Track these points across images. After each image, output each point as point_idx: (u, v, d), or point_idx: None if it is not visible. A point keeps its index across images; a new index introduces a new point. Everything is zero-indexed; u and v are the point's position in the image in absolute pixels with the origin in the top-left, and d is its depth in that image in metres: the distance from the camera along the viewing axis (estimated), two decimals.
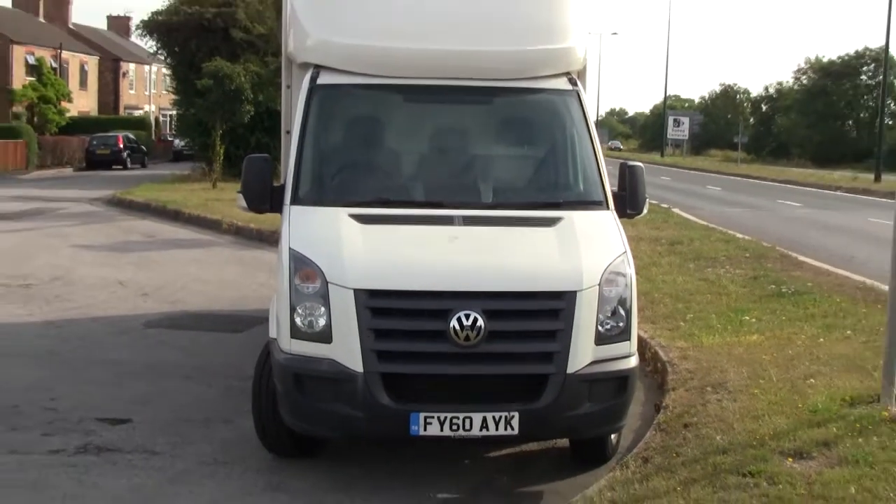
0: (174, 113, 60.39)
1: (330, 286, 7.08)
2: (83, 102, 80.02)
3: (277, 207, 8.20)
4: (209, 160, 39.40)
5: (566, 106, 8.75)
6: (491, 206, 8.24)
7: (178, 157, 66.49)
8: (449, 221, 7.77)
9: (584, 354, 7.15)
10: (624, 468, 7.42)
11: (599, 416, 7.38)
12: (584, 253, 7.48)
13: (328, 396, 7.08)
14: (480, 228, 7.79)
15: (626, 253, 7.63)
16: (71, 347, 11.95)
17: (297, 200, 8.03)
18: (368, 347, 6.96)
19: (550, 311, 7.18)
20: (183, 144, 61.36)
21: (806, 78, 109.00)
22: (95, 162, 61.20)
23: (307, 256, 7.29)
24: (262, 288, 15.02)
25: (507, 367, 7.16)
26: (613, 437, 8.11)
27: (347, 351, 6.99)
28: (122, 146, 62.60)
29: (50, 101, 70.98)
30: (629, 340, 7.48)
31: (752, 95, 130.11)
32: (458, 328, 6.93)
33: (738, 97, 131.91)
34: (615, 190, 8.40)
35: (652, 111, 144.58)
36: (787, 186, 52.47)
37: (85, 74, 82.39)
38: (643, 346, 10.42)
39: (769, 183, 56.48)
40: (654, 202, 14.82)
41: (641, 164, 8.83)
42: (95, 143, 62.71)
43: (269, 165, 8.46)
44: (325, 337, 7.08)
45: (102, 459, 8.00)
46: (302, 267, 7.26)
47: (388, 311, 7.08)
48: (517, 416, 7.02)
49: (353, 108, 8.88)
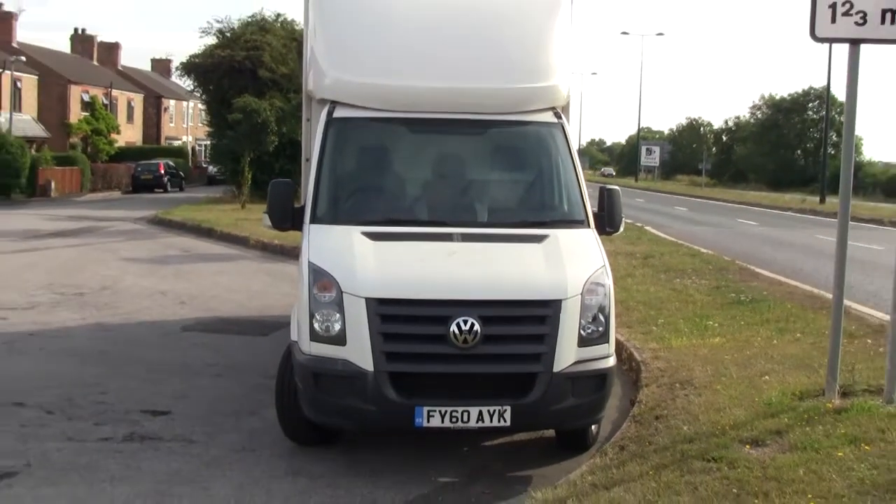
0: (208, 143, 60.46)
1: (344, 295, 7.07)
2: (130, 134, 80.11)
3: (298, 226, 8.19)
4: (239, 184, 39.49)
5: (552, 137, 8.75)
6: (486, 224, 8.22)
7: (211, 181, 66.51)
8: (449, 238, 7.75)
9: (568, 355, 7.14)
10: (603, 455, 7.40)
11: (582, 409, 7.37)
12: (568, 266, 7.46)
13: (343, 392, 7.06)
14: (477, 244, 7.77)
15: (605, 266, 7.62)
16: (118, 348, 11.93)
17: (315, 219, 8.02)
18: (378, 349, 6.95)
19: (539, 317, 7.16)
20: (216, 170, 61.37)
21: (760, 113, 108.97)
22: (140, 186, 61.35)
23: (324, 269, 7.28)
24: (285, 297, 14.97)
25: (500, 366, 7.13)
26: (594, 427, 8.08)
27: (359, 352, 6.97)
28: (163, 172, 62.73)
29: (101, 133, 71.22)
30: (608, 343, 7.47)
31: (714, 128, 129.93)
32: (457, 332, 6.92)
33: (702, 129, 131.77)
34: (595, 210, 8.39)
35: (627, 141, 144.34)
36: (744, 207, 52.46)
37: (131, 110, 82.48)
38: (620, 347, 10.38)
39: (729, 204, 56.46)
40: (629, 221, 14.68)
41: (618, 187, 8.83)
42: (140, 169, 62.88)
43: (291, 189, 8.47)
44: (339, 340, 7.06)
45: (146, 446, 7.98)
46: (320, 278, 7.24)
47: (395, 317, 7.06)
48: (509, 409, 7.01)
49: (364, 138, 8.86)
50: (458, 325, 6.92)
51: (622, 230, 8.64)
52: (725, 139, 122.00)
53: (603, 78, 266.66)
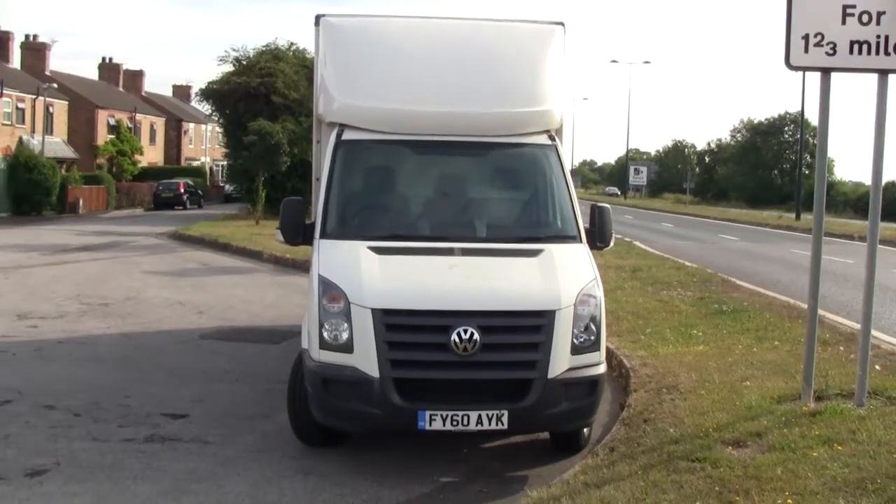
0: (225, 163, 60.45)
1: (352, 306, 7.06)
2: (152, 155, 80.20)
3: (309, 241, 8.19)
4: (253, 202, 39.53)
5: (546, 158, 8.75)
6: (485, 240, 8.23)
7: (227, 199, 66.61)
8: (450, 253, 7.75)
9: (561, 362, 7.12)
10: (594, 456, 7.37)
11: (574, 413, 7.35)
12: (561, 279, 7.45)
13: (350, 397, 7.05)
14: (476, 258, 7.77)
15: (596, 279, 7.61)
16: (141, 355, 11.90)
17: (325, 235, 8.02)
18: (383, 357, 6.93)
19: (534, 326, 7.15)
20: (232, 189, 61.55)
21: (740, 135, 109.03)
22: (161, 203, 61.36)
23: (333, 281, 7.27)
24: (296, 307, 14.94)
25: (498, 373, 7.12)
26: (586, 430, 8.05)
27: (366, 359, 6.96)
28: (182, 190, 62.80)
29: (126, 154, 71.39)
30: (599, 351, 7.45)
31: (697, 149, 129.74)
32: (457, 341, 6.91)
33: (686, 150, 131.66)
34: (587, 226, 8.39)
35: (616, 161, 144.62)
36: (726, 224, 52.43)
37: (154, 132, 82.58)
38: (610, 355, 10.35)
39: (712, 220, 56.42)
40: (618, 236, 14.69)
41: (608, 205, 8.83)
42: (161, 188, 62.94)
43: (302, 206, 8.48)
44: (347, 348, 7.05)
45: (166, 447, 7.96)
46: (329, 290, 7.23)
47: (399, 326, 7.05)
48: (507, 413, 6.99)
49: (371, 159, 8.87)
50: (458, 334, 6.91)
51: (612, 245, 8.65)
52: (708, 160, 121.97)
53: (594, 103, 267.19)
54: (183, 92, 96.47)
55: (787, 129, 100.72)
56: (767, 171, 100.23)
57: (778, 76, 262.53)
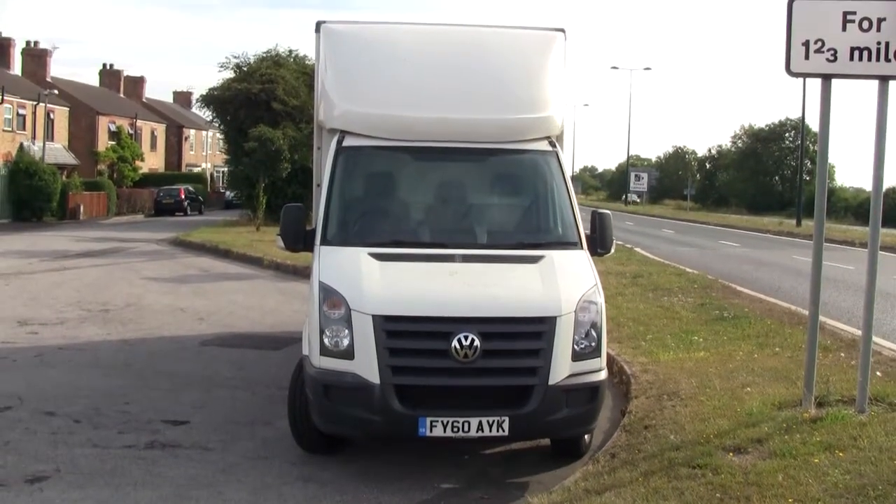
0: (226, 169, 60.53)
1: (352, 312, 7.05)
2: (153, 161, 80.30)
3: (310, 247, 8.18)
4: (254, 208, 39.53)
5: (547, 164, 8.75)
6: (485, 246, 8.22)
7: (228, 205, 66.58)
8: (450, 259, 7.74)
9: (562, 369, 7.11)
10: (595, 462, 7.37)
11: (575, 419, 7.33)
12: (562, 285, 7.44)
13: (351, 403, 7.04)
14: (477, 265, 7.76)
15: (596, 285, 7.60)
16: (141, 361, 11.90)
17: (325, 241, 8.02)
18: (384, 363, 6.93)
19: (535, 333, 7.14)
20: (232, 195, 61.46)
21: (741, 141, 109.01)
22: (162, 210, 61.49)
23: (334, 288, 7.27)
24: (296, 314, 14.95)
25: (499, 379, 7.11)
26: (587, 436, 8.04)
27: (367, 366, 6.95)
28: (183, 197, 62.91)
29: (126, 160, 71.54)
30: (600, 357, 7.44)
31: (698, 155, 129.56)
32: (458, 347, 6.90)
33: (687, 157, 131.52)
34: (588, 233, 8.38)
35: (617, 168, 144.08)
36: (726, 230, 52.37)
37: (155, 139, 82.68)
38: (611, 361, 10.35)
39: (712, 227, 56.39)
40: (619, 242, 14.79)
41: (609, 211, 8.83)
42: (162, 194, 63.05)
43: (303, 213, 8.48)
44: (348, 354, 7.04)
45: (166, 453, 7.95)
46: (329, 296, 7.23)
47: (400, 333, 7.04)
48: (507, 419, 6.98)
49: (371, 165, 8.87)
50: (459, 340, 6.91)
51: (613, 251, 8.64)
52: (709, 166, 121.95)
53: (595, 109, 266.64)
54: (184, 98, 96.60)
55: (787, 135, 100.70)
56: (768, 177, 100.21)
57: (778, 82, 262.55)
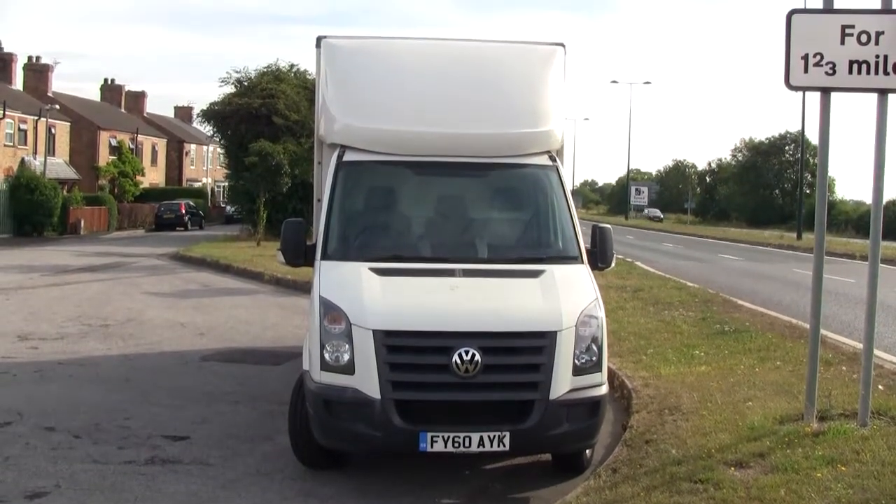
0: (226, 184, 60.47)
1: (353, 327, 7.04)
2: (153, 176, 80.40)
3: (310, 262, 8.19)
4: (254, 223, 39.57)
5: (547, 178, 8.76)
6: (486, 260, 8.21)
7: (229, 220, 66.58)
8: (451, 274, 7.73)
9: (563, 383, 7.10)
10: (597, 477, 7.34)
11: (576, 434, 7.31)
12: (563, 299, 7.43)
13: (351, 419, 7.02)
14: (477, 279, 7.76)
15: (597, 299, 7.59)
16: (142, 376, 11.87)
17: (326, 256, 8.01)
18: (385, 378, 6.91)
19: (536, 347, 7.13)
20: (233, 210, 61.42)
21: (741, 155, 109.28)
22: (162, 224, 61.48)
23: (334, 302, 7.25)
24: (297, 329, 14.94)
25: (499, 394, 7.09)
26: (588, 451, 8.01)
27: (367, 381, 6.94)
28: (184, 212, 62.93)
29: (127, 175, 71.60)
30: (601, 372, 7.43)
31: (698, 169, 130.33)
32: (458, 362, 6.89)
33: (687, 170, 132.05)
34: (588, 247, 8.38)
35: (617, 182, 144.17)
36: (727, 243, 52.38)
37: (155, 153, 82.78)
38: (612, 376, 10.34)
39: (713, 240, 56.41)
40: (619, 256, 14.82)
41: (610, 225, 8.83)
42: (163, 209, 63.07)
43: (303, 228, 8.49)
44: (348, 369, 7.03)
45: (166, 469, 7.93)
46: (330, 311, 7.21)
47: (400, 348, 7.03)
48: (508, 434, 6.97)
49: (372, 180, 8.87)
50: (459, 355, 6.90)
51: (613, 265, 8.64)
52: (709, 180, 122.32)
53: (595, 123, 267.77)
54: (185, 113, 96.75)
55: (787, 148, 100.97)
56: (768, 190, 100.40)
57: (778, 96, 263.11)
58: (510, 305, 7.43)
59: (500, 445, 6.98)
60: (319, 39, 9.77)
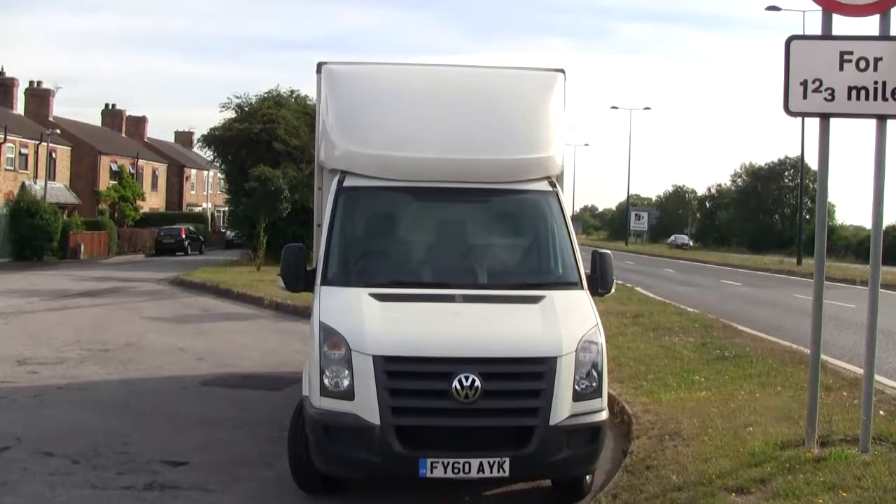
0: (226, 209, 60.59)
1: (353, 353, 7.03)
2: (154, 201, 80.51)
3: (310, 287, 8.18)
4: (254, 248, 39.63)
5: (547, 204, 8.77)
6: (486, 286, 8.21)
7: (229, 245, 66.70)
8: (451, 299, 7.74)
9: (563, 409, 7.08)
10: (597, 503, 7.31)
11: (576, 460, 7.29)
12: (563, 325, 7.43)
13: (351, 444, 7.00)
14: (477, 305, 7.76)
15: (597, 325, 7.58)
16: (141, 401, 11.85)
17: (326, 282, 8.01)
18: (385, 404, 6.89)
19: (536, 373, 7.11)
20: (233, 235, 61.57)
21: (740, 180, 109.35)
22: (162, 249, 61.53)
23: (334, 328, 7.25)
24: (297, 354, 14.91)
25: (499, 420, 7.08)
26: (588, 477, 7.98)
27: (367, 407, 6.92)
28: (184, 236, 63.01)
29: (128, 199, 71.68)
30: (601, 397, 7.41)
31: (698, 194, 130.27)
32: (458, 388, 6.87)
33: (687, 196, 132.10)
34: (588, 273, 8.39)
35: (617, 207, 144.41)
36: (727, 269, 52.40)
37: (156, 178, 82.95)
38: (612, 401, 10.32)
39: (713, 266, 56.43)
40: (619, 282, 14.86)
41: (609, 251, 8.84)
42: (163, 233, 63.16)
43: (303, 253, 8.49)
44: (348, 395, 7.01)
45: (165, 494, 7.90)
46: (330, 337, 7.21)
47: (400, 373, 7.01)
48: (508, 460, 6.94)
49: (372, 205, 8.88)
50: (459, 381, 6.88)
51: (613, 291, 8.64)
52: (709, 205, 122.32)
53: (595, 149, 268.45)
54: (185, 138, 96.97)
55: (787, 173, 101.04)
56: (768, 215, 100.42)
57: (777, 121, 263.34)
58: (510, 331, 7.43)
59: (500, 471, 6.96)
60: (320, 65, 9.81)
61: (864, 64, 7.99)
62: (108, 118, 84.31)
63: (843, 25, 8.33)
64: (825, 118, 8.26)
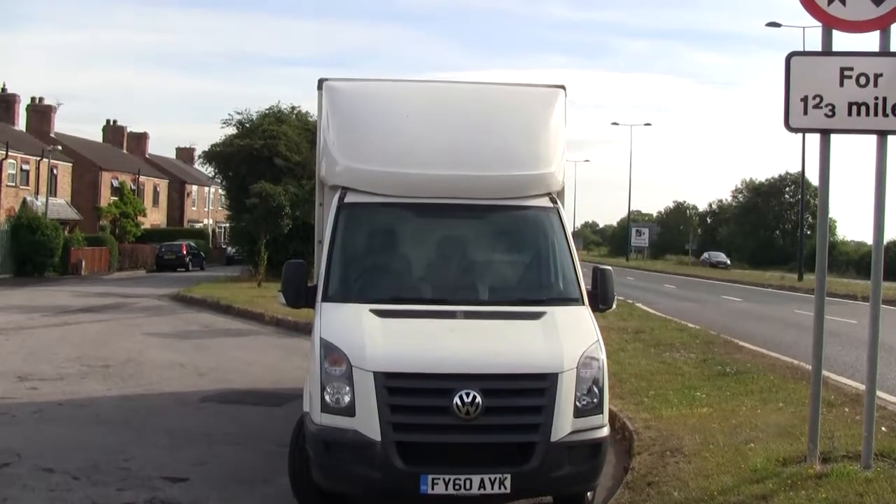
0: (227, 225, 60.75)
1: (354, 369, 7.01)
2: (155, 217, 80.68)
3: (311, 303, 8.17)
4: (255, 264, 39.61)
5: (548, 220, 8.77)
6: (487, 302, 8.20)
7: (230, 261, 66.70)
8: (452, 315, 7.72)
9: (564, 425, 7.06)
10: None
11: (578, 476, 7.26)
12: (564, 341, 7.42)
13: (352, 461, 6.98)
14: (478, 321, 7.74)
15: (598, 341, 7.57)
16: (141, 417, 11.84)
17: (327, 298, 8.00)
18: (385, 420, 6.87)
19: (537, 389, 7.09)
20: (234, 251, 61.69)
21: (741, 196, 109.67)
22: (163, 265, 61.66)
23: (335, 344, 7.23)
24: (297, 370, 14.87)
25: (500, 436, 7.05)
26: (590, 493, 7.94)
27: (368, 423, 6.90)
28: (185, 252, 63.09)
29: (129, 215, 71.85)
30: (602, 413, 7.38)
31: (699, 210, 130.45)
32: (459, 404, 6.85)
33: (687, 212, 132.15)
34: (589, 288, 8.38)
35: (618, 223, 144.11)
36: (728, 284, 52.39)
37: (157, 194, 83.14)
38: (613, 417, 10.29)
39: (714, 281, 56.43)
40: (620, 298, 14.84)
41: (611, 267, 8.83)
42: (164, 249, 63.28)
43: (304, 269, 8.49)
44: (349, 411, 6.99)
45: None
46: (331, 353, 7.19)
47: (401, 389, 6.99)
48: (509, 477, 6.91)
49: (373, 222, 8.88)
50: (460, 397, 6.86)
51: (614, 307, 8.63)
52: (710, 221, 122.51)
53: (595, 165, 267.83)
54: (186, 154, 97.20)
55: (787, 189, 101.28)
56: (769, 231, 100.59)
57: (778, 137, 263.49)
58: (511, 347, 7.41)
59: (500, 488, 6.93)
60: (321, 82, 9.83)
61: (864, 80, 8.01)
62: (109, 134, 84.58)
63: (843, 41, 8.38)
64: (826, 134, 8.27)
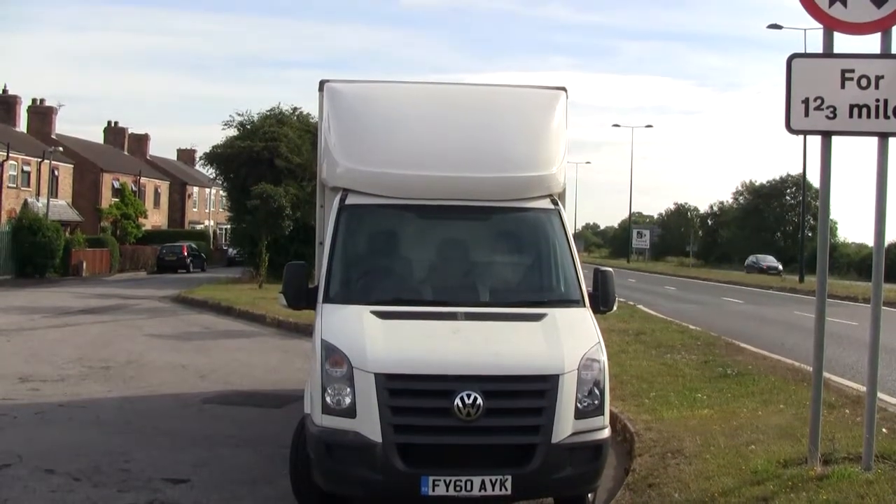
0: (228, 227, 60.74)
1: (355, 371, 7.01)
2: (156, 218, 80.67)
3: (312, 305, 8.17)
4: (256, 265, 39.59)
5: (549, 222, 8.77)
6: (488, 304, 8.20)
7: (231, 262, 66.77)
8: (453, 317, 7.72)
9: (565, 427, 7.06)
10: None
11: (579, 478, 7.25)
12: (565, 343, 7.41)
13: (353, 462, 6.98)
14: (479, 323, 7.74)
15: (599, 343, 7.57)
16: (142, 419, 11.84)
17: (328, 299, 8.00)
18: (386, 421, 6.87)
19: (538, 391, 7.09)
20: (235, 252, 61.76)
21: (742, 198, 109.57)
22: (164, 266, 61.63)
23: (336, 346, 7.23)
24: (299, 371, 14.88)
25: (501, 437, 7.05)
26: (591, 495, 7.94)
27: (369, 424, 6.89)
28: (186, 254, 63.07)
29: (130, 217, 71.83)
30: (603, 415, 7.38)
31: (700, 212, 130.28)
32: (460, 406, 6.85)
33: (689, 214, 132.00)
34: (590, 290, 8.38)
35: (619, 225, 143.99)
36: (729, 286, 52.36)
37: (158, 196, 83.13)
38: (614, 419, 10.29)
39: (715, 283, 56.39)
40: (622, 300, 14.82)
41: (611, 269, 8.83)
42: (165, 251, 63.25)
43: (305, 271, 8.49)
44: (350, 413, 6.99)
45: None
46: (332, 354, 7.19)
47: (402, 391, 6.99)
48: (510, 478, 6.91)
49: (374, 223, 8.88)
50: (461, 398, 6.86)
51: (615, 309, 8.62)
52: (711, 223, 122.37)
53: (596, 167, 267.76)
54: (187, 156, 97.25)
55: (788, 191, 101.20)
56: (770, 233, 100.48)
57: (779, 139, 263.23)
58: (512, 349, 7.41)
59: (501, 489, 6.93)
60: (322, 83, 9.84)
61: (865, 82, 8.01)
62: (110, 136, 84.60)
63: (844, 43, 8.38)
64: (827, 136, 8.28)
